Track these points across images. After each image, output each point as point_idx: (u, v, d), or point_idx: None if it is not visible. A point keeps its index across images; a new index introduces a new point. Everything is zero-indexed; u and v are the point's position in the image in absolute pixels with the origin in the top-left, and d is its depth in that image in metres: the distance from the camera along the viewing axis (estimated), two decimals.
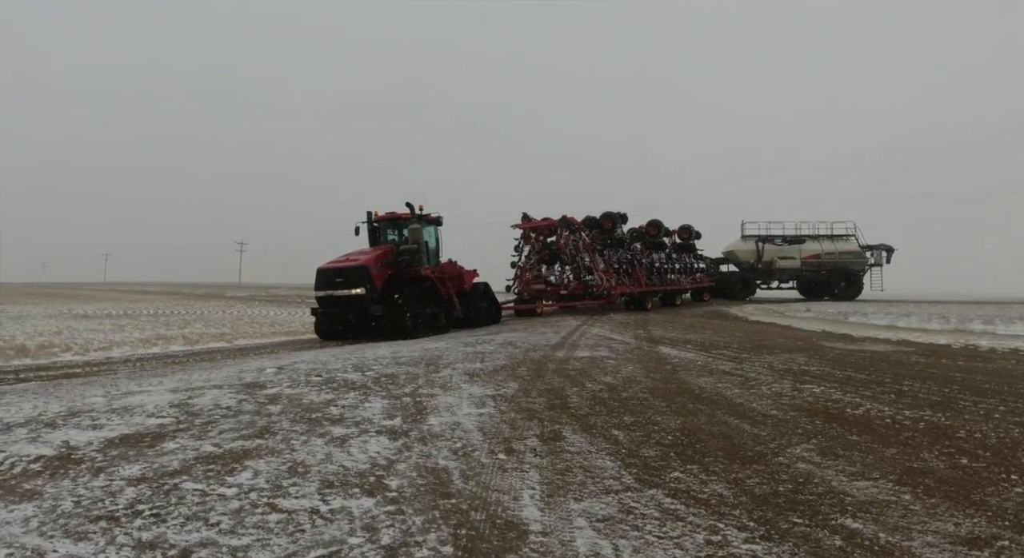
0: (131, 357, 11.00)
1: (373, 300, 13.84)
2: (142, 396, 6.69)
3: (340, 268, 14.18)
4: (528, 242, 24.52)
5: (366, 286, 13.78)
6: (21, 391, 7.11)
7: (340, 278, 14.00)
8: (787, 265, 34.01)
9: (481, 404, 6.27)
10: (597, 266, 23.19)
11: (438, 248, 16.59)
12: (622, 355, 10.11)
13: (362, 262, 14.09)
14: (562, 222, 23.39)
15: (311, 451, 4.61)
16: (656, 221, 27.91)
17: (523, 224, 24.51)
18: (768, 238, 34.37)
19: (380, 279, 14.21)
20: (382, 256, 14.77)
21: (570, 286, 24.16)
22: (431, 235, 16.29)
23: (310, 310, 15.19)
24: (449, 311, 16.02)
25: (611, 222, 25.22)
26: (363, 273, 13.88)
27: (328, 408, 6.07)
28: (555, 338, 12.79)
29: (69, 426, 5.32)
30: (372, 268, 14.03)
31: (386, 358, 9.76)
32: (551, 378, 7.85)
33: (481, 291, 18.08)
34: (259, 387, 7.22)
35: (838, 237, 34.54)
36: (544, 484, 3.96)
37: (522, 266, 24.36)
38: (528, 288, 23.65)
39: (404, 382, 7.53)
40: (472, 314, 17.06)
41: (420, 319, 14.58)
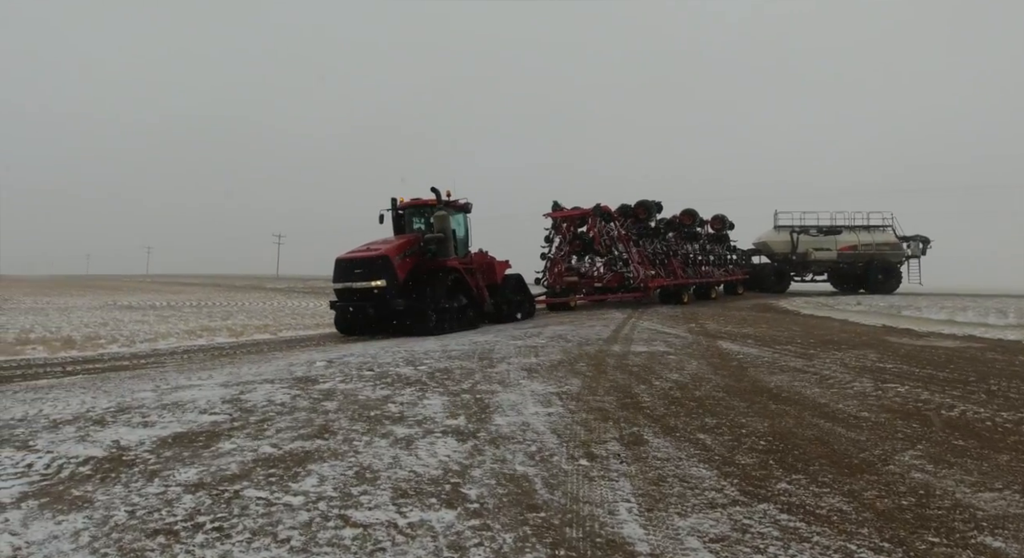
0: (177, 349, 10.85)
1: (395, 293, 12.61)
2: (192, 391, 6.44)
3: (359, 258, 12.99)
4: (559, 232, 23.25)
5: (387, 278, 12.54)
6: (68, 385, 6.92)
7: (359, 269, 12.82)
8: (823, 257, 32.41)
9: (547, 403, 5.87)
10: (633, 257, 21.98)
11: (467, 237, 15.40)
12: (681, 350, 9.62)
13: (383, 252, 12.84)
14: (596, 211, 21.93)
15: (376, 454, 4.26)
16: (691, 210, 26.64)
17: (555, 213, 23.23)
18: (803, 228, 32.84)
19: (403, 270, 12.98)
20: (405, 245, 13.48)
21: (604, 278, 22.73)
22: (459, 223, 15.16)
23: (329, 303, 13.99)
24: (478, 305, 14.90)
25: (646, 211, 23.93)
26: (384, 264, 12.66)
27: (386, 405, 5.74)
28: (606, 332, 12.33)
29: (119, 423, 5.07)
30: (394, 258, 12.79)
31: (436, 352, 9.42)
32: (614, 374, 7.42)
33: (513, 283, 16.80)
34: (311, 382, 6.93)
35: (875, 228, 32.98)
36: (639, 496, 3.54)
37: (553, 257, 23.11)
38: (560, 280, 22.25)
39: (460, 377, 7.18)
40: (504, 308, 15.94)
41: (446, 314, 13.41)
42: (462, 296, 14.17)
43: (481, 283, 15.13)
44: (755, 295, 29.42)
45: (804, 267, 33.06)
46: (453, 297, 13.80)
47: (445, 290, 13.49)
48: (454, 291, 13.91)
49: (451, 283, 13.81)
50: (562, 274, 22.53)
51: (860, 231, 32.82)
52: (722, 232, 28.79)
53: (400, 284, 12.76)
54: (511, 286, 16.57)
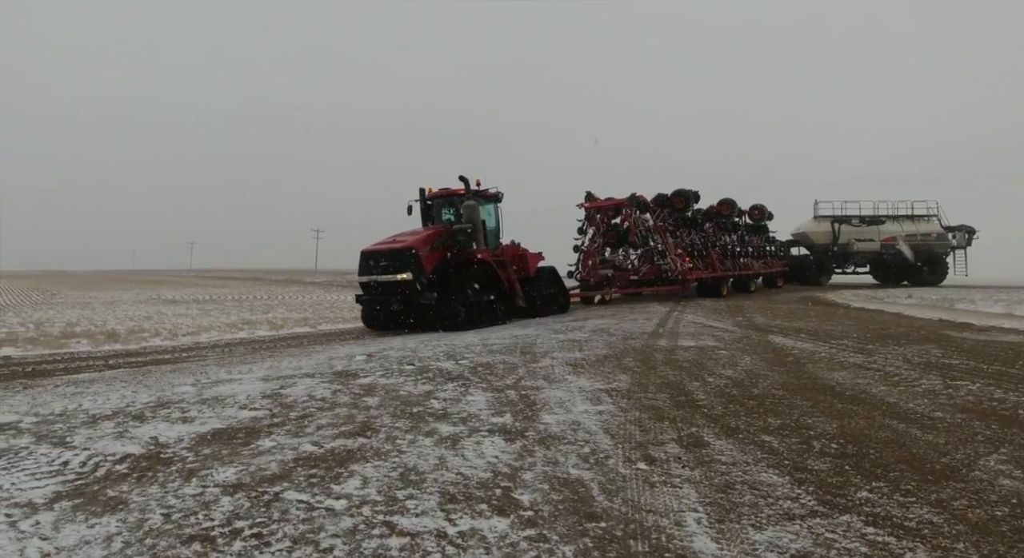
0: (219, 342, 10.85)
1: (422, 286, 11.95)
2: (232, 385, 6.33)
3: (385, 250, 12.33)
4: (593, 224, 22.19)
5: (413, 271, 11.84)
6: (110, 379, 6.88)
7: (384, 261, 12.19)
8: (865, 248, 30.86)
9: (596, 400, 5.59)
10: (670, 249, 20.81)
11: (498, 228, 14.61)
12: (732, 345, 9.23)
13: (409, 243, 12.17)
14: (632, 200, 20.94)
15: (421, 454, 4.04)
16: (729, 200, 25.42)
17: (588, 203, 22.22)
18: (844, 218, 31.28)
19: (430, 263, 12.31)
20: (433, 237, 12.80)
21: (640, 271, 21.81)
22: (489, 213, 14.38)
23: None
24: (509, 299, 14.06)
25: (684, 200, 22.57)
26: (410, 256, 11.96)
27: (428, 401, 5.53)
28: (649, 326, 11.96)
29: (158, 419, 4.95)
30: (421, 250, 12.08)
31: (477, 346, 9.20)
32: (664, 370, 7.10)
33: (547, 276, 15.90)
34: (351, 376, 6.77)
35: (919, 218, 31.33)
36: (707, 505, 3.25)
37: (586, 249, 21.99)
38: (594, 273, 21.27)
39: (503, 372, 6.94)
40: (537, 302, 15.05)
41: (475, 308, 12.69)
42: (492, 290, 13.45)
43: (513, 276, 14.33)
44: (795, 288, 28.32)
45: (845, 259, 31.64)
46: (483, 291, 13.08)
47: (474, 283, 12.85)
48: (484, 284, 13.21)
49: (481, 276, 13.16)
50: (596, 267, 21.67)
51: (904, 221, 31.34)
52: (760, 222, 27.67)
53: (427, 277, 12.12)
54: (545, 279, 15.75)
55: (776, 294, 24.29)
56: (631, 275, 21.88)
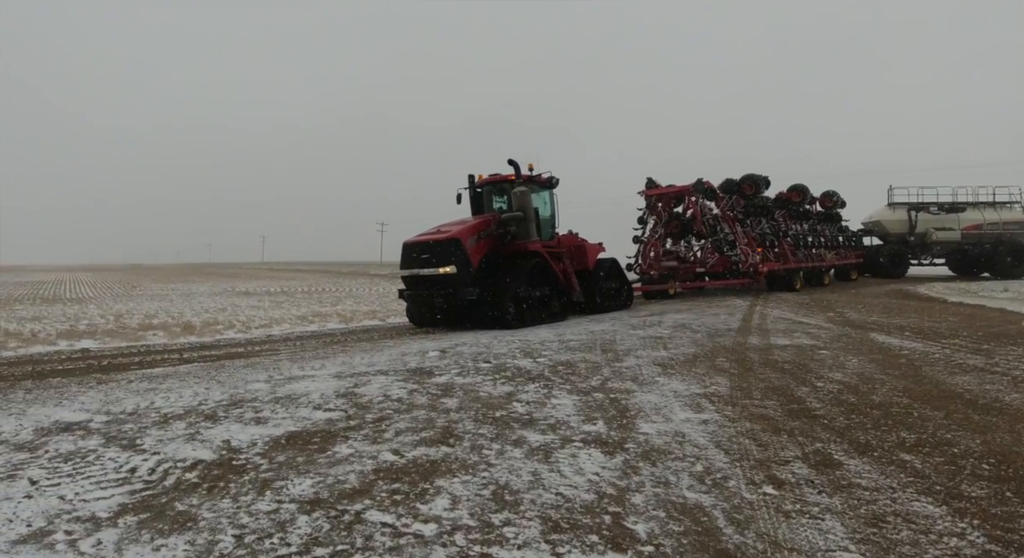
0: (290, 335, 10.76)
1: (466, 281, 10.94)
2: (306, 382, 6.08)
3: (427, 242, 11.34)
4: (654, 212, 20.87)
5: (458, 263, 10.88)
6: (184, 374, 6.75)
7: (427, 254, 11.21)
8: (945, 237, 28.40)
9: (696, 406, 5.06)
10: (740, 239, 19.38)
11: (553, 217, 13.49)
12: (832, 344, 8.48)
13: (453, 234, 11.16)
14: (698, 186, 19.45)
15: (512, 467, 3.61)
16: (800, 186, 23.69)
17: (649, 190, 20.86)
18: (922, 206, 28.91)
19: (476, 255, 11.30)
20: (480, 227, 11.72)
21: (707, 263, 20.38)
22: (544, 201, 13.30)
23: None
24: (565, 293, 12.93)
25: (753, 186, 20.77)
26: (454, 248, 10.97)
27: (511, 404, 5.11)
28: (734, 321, 11.24)
29: (231, 419, 4.70)
30: (466, 241, 11.09)
31: (553, 342, 8.75)
32: (764, 372, 6.48)
33: (607, 269, 14.68)
34: (427, 374, 6.43)
35: (1001, 205, 28.78)
36: (860, 542, 2.70)
37: (647, 240, 20.72)
38: (657, 266, 19.97)
39: (586, 373, 6.46)
40: (597, 297, 13.88)
41: (527, 304, 11.62)
42: (546, 284, 12.36)
43: (569, 269, 13.27)
44: (872, 281, 26.48)
45: (923, 249, 29.24)
46: (535, 285, 12.00)
47: (526, 277, 11.72)
48: (536, 278, 12.12)
49: (533, 269, 11.97)
50: (659, 258, 20.37)
51: (985, 208, 28.74)
52: (833, 210, 25.65)
53: (473, 270, 11.11)
54: (605, 272, 14.51)
55: (857, 287, 22.74)
56: (697, 267, 20.68)
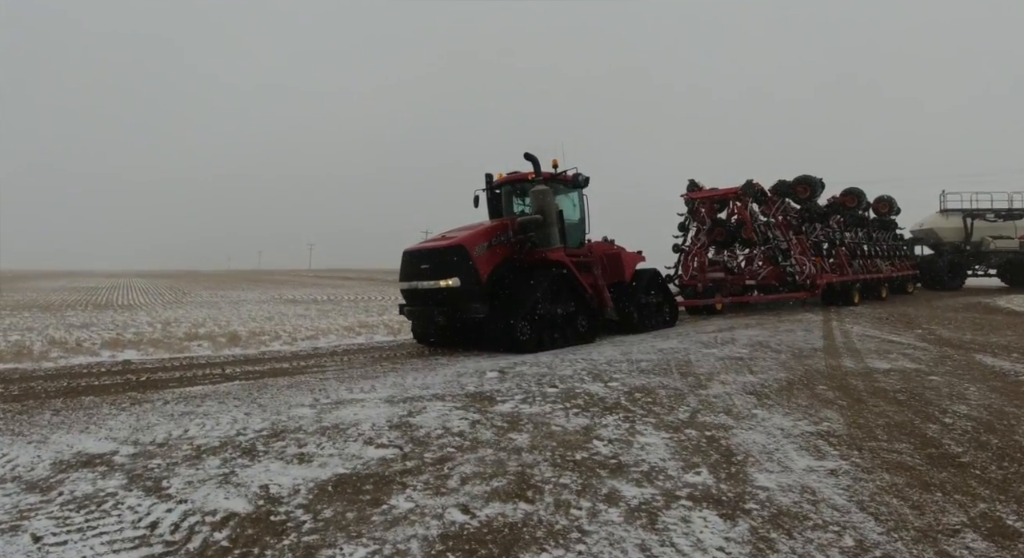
0: (337, 348, 10.22)
1: (473, 295, 9.27)
2: (354, 408, 5.44)
3: (429, 250, 9.78)
4: (696, 218, 18.65)
5: (462, 275, 9.22)
6: (223, 395, 6.19)
7: (427, 264, 9.60)
8: (1003, 246, 26.30)
9: (815, 450, 4.23)
10: (795, 248, 17.46)
11: (583, 221, 11.60)
12: (936, 368, 7.49)
13: (458, 241, 9.48)
14: (748, 189, 17.21)
15: (613, 539, 2.86)
16: (856, 190, 21.50)
17: (692, 193, 18.69)
18: (977, 213, 26.88)
19: (487, 265, 9.59)
20: (492, 232, 10.01)
21: (759, 274, 18.14)
22: (572, 203, 11.53)
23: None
24: (595, 310, 11.01)
25: (809, 189, 18.70)
26: (458, 257, 9.31)
27: (591, 443, 4.36)
28: (815, 339, 10.25)
29: (270, 455, 4.07)
30: (472, 249, 9.40)
31: (621, 363, 7.95)
32: (877, 404, 5.58)
33: (648, 281, 12.76)
34: (487, 400, 5.72)
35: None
36: None
37: (688, 249, 18.57)
38: (703, 277, 17.75)
39: (669, 402, 5.66)
40: (634, 313, 12.03)
41: (546, 323, 9.82)
42: (571, 299, 10.48)
43: (601, 281, 11.43)
44: (930, 294, 24.30)
45: (980, 258, 27.11)
46: (558, 300, 10.18)
47: (545, 291, 9.88)
48: (559, 292, 10.29)
49: (554, 282, 10.11)
50: (704, 269, 18.17)
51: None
52: (888, 217, 23.53)
53: (482, 283, 9.40)
54: (645, 285, 12.63)
55: (927, 301, 20.74)
56: (747, 279, 18.42)
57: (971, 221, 26.79)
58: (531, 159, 10.57)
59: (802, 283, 17.09)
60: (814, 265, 17.36)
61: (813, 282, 17.11)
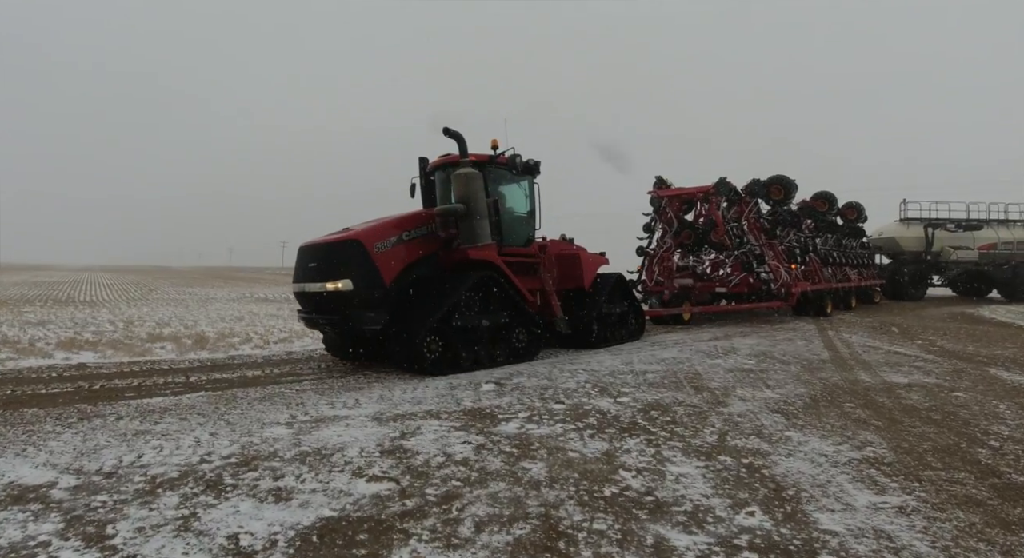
0: (313, 353, 9.51)
1: (368, 302, 7.49)
2: (338, 427, 4.78)
3: (319, 245, 7.95)
4: (663, 219, 16.91)
5: (356, 277, 7.41)
6: (186, 409, 5.48)
7: (314, 262, 7.83)
8: (963, 256, 26.20)
9: (872, 483, 3.69)
10: (774, 253, 16.23)
11: (533, 216, 9.64)
12: (955, 382, 7.07)
13: (352, 235, 7.70)
14: (722, 188, 15.79)
15: None
16: (827, 194, 20.22)
17: (660, 191, 17.09)
18: (938, 222, 26.76)
19: (393, 265, 7.76)
20: (402, 225, 8.08)
21: (732, 281, 16.48)
22: (520, 193, 9.64)
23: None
24: (535, 321, 8.98)
25: (783, 190, 17.39)
26: (351, 254, 7.49)
27: (617, 474, 3.77)
28: (817, 349, 9.80)
29: (241, 491, 3.41)
30: (372, 245, 7.56)
31: (625, 374, 7.38)
32: (913, 424, 5.09)
33: (611, 288, 10.84)
34: (489, 418, 5.11)
35: (1012, 223, 27.03)
36: None
37: (654, 253, 16.86)
38: (669, 284, 16.05)
39: (689, 421, 5.10)
40: (593, 325, 10.22)
41: (466, 337, 8.02)
42: (505, 308, 8.61)
43: (550, 287, 9.64)
44: (894, 304, 23.49)
45: (939, 269, 26.94)
46: (485, 310, 8.36)
47: (467, 298, 8.14)
48: (488, 300, 8.46)
49: (475, 287, 8.26)
50: (671, 275, 16.49)
51: (998, 226, 26.86)
52: (856, 224, 22.75)
53: (383, 287, 7.59)
54: (608, 292, 10.73)
55: (901, 310, 20.19)
56: (716, 286, 16.91)
57: (932, 231, 26.59)
58: (453, 136, 8.45)
59: (776, 291, 15.73)
60: (789, 272, 16.16)
61: (788, 290, 15.82)
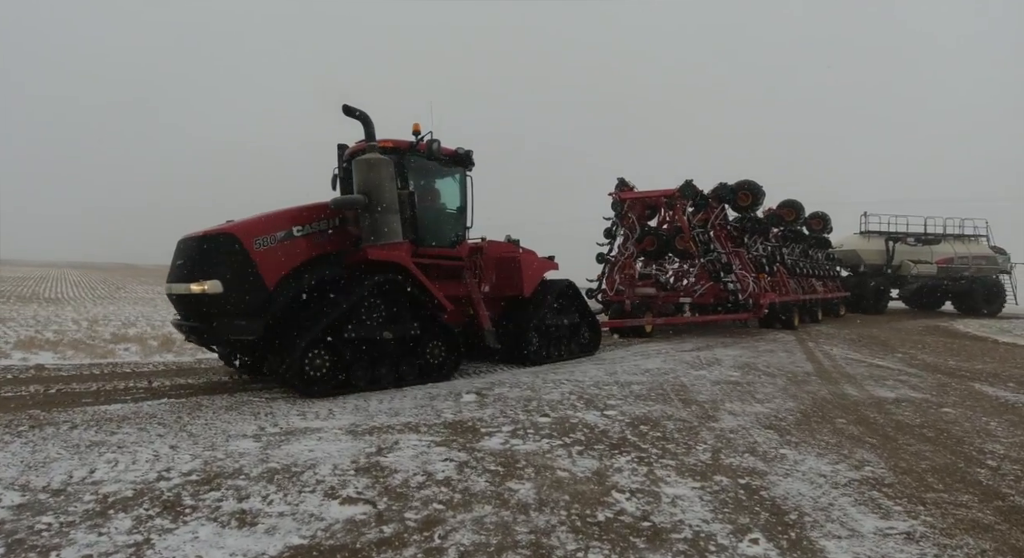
0: None
1: (241, 308, 6.24)
2: (309, 440, 4.49)
3: (191, 238, 6.63)
4: (626, 223, 15.83)
5: (228, 278, 6.18)
6: (146, 418, 5.13)
7: (182, 259, 6.55)
8: (923, 271, 26.53)
9: (875, 506, 3.51)
10: (742, 262, 15.53)
11: (464, 213, 8.49)
12: (943, 397, 6.97)
13: (227, 228, 6.50)
14: (687, 191, 14.74)
15: None
16: (793, 202, 19.44)
17: (621, 193, 15.96)
18: (898, 236, 27.05)
19: (278, 265, 6.53)
20: (294, 218, 6.84)
21: (697, 290, 15.78)
22: (452, 186, 8.52)
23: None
24: (453, 335, 7.72)
25: (751, 196, 16.35)
26: (224, 251, 6.28)
27: (610, 496, 3.54)
28: (800, 361, 9.67)
29: (201, 514, 3.10)
30: (251, 240, 6.35)
31: (611, 386, 7.13)
32: (908, 442, 4.94)
33: (557, 296, 9.55)
34: (471, 432, 4.84)
35: (968, 238, 27.66)
36: None
37: (614, 260, 15.77)
38: (631, 293, 14.87)
39: (680, 437, 4.89)
40: (534, 339, 8.98)
41: (363, 351, 6.75)
42: (414, 318, 7.33)
43: (477, 294, 8.47)
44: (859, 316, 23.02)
45: (898, 282, 27.32)
46: (390, 320, 7.09)
47: (365, 306, 6.87)
48: (394, 308, 7.16)
49: (378, 293, 6.99)
50: (632, 283, 15.39)
51: (955, 241, 27.39)
52: (822, 234, 22.39)
53: (263, 290, 6.37)
54: (554, 301, 9.45)
55: (875, 323, 20.00)
56: (681, 297, 16.02)
57: (893, 244, 26.81)
58: (357, 116, 7.15)
59: (744, 302, 14.91)
60: (756, 282, 15.43)
61: (756, 301, 15.09)
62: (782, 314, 16.55)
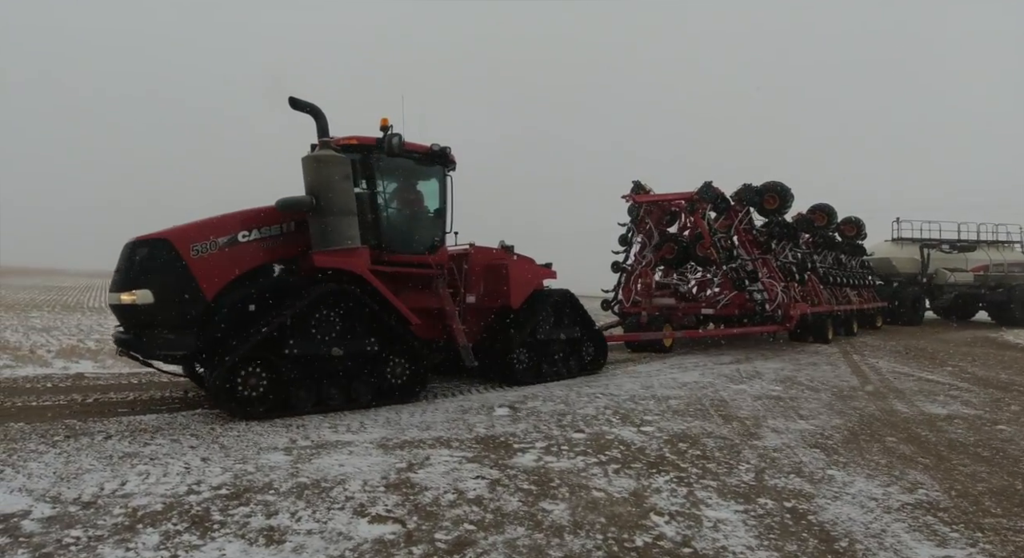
0: None
1: (172, 320, 5.73)
2: (340, 454, 4.43)
3: (128, 244, 6.06)
4: (641, 229, 14.59)
5: (160, 287, 5.67)
6: (180, 428, 5.14)
7: (119, 266, 6.02)
8: (959, 279, 24.82)
9: (931, 533, 3.30)
10: (771, 271, 14.39)
11: (441, 216, 7.71)
12: (997, 414, 6.66)
13: (162, 234, 5.91)
14: (706, 193, 13.38)
15: None
16: (825, 207, 17.90)
17: (639, 197, 14.58)
18: (933, 243, 25.51)
19: (218, 273, 5.92)
20: (242, 222, 6.25)
21: (720, 301, 14.09)
22: (430, 187, 7.78)
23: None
24: (417, 352, 6.87)
25: (778, 199, 14.97)
26: (156, 257, 5.77)
27: (648, 518, 3.40)
28: (848, 376, 9.30)
29: (229, 530, 3.05)
30: (187, 246, 5.79)
31: (647, 400, 6.95)
32: (962, 462, 4.69)
33: (553, 309, 8.73)
34: (504, 448, 4.74)
35: (1002, 245, 26.13)
36: None
37: (631, 268, 14.50)
38: (649, 304, 13.64)
39: (721, 456, 4.71)
40: (522, 356, 8.14)
41: (311, 371, 6.06)
42: (373, 333, 6.52)
43: (450, 305, 7.50)
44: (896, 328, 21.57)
45: (934, 291, 25.34)
46: (345, 335, 6.36)
47: (314, 318, 6.18)
48: (349, 322, 6.42)
49: (327, 304, 6.28)
50: (649, 293, 14.12)
51: (989, 248, 25.83)
52: (856, 240, 20.64)
53: (201, 302, 5.78)
54: (548, 313, 8.63)
55: (915, 335, 18.93)
56: (703, 307, 14.58)
57: (928, 251, 25.15)
58: (307, 109, 6.61)
59: (772, 314, 13.67)
60: (786, 292, 14.17)
61: (786, 313, 13.88)
62: (815, 326, 15.45)
